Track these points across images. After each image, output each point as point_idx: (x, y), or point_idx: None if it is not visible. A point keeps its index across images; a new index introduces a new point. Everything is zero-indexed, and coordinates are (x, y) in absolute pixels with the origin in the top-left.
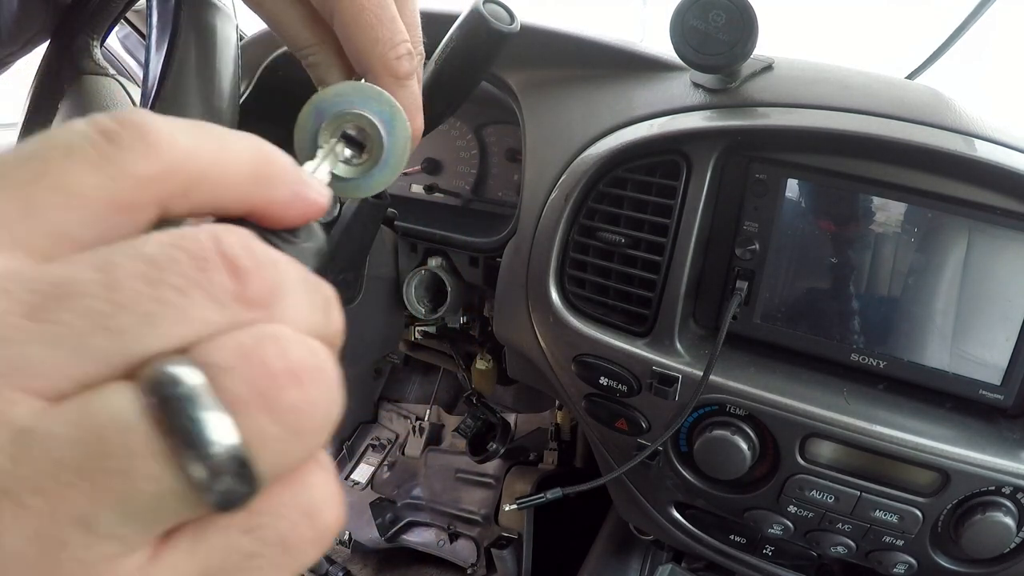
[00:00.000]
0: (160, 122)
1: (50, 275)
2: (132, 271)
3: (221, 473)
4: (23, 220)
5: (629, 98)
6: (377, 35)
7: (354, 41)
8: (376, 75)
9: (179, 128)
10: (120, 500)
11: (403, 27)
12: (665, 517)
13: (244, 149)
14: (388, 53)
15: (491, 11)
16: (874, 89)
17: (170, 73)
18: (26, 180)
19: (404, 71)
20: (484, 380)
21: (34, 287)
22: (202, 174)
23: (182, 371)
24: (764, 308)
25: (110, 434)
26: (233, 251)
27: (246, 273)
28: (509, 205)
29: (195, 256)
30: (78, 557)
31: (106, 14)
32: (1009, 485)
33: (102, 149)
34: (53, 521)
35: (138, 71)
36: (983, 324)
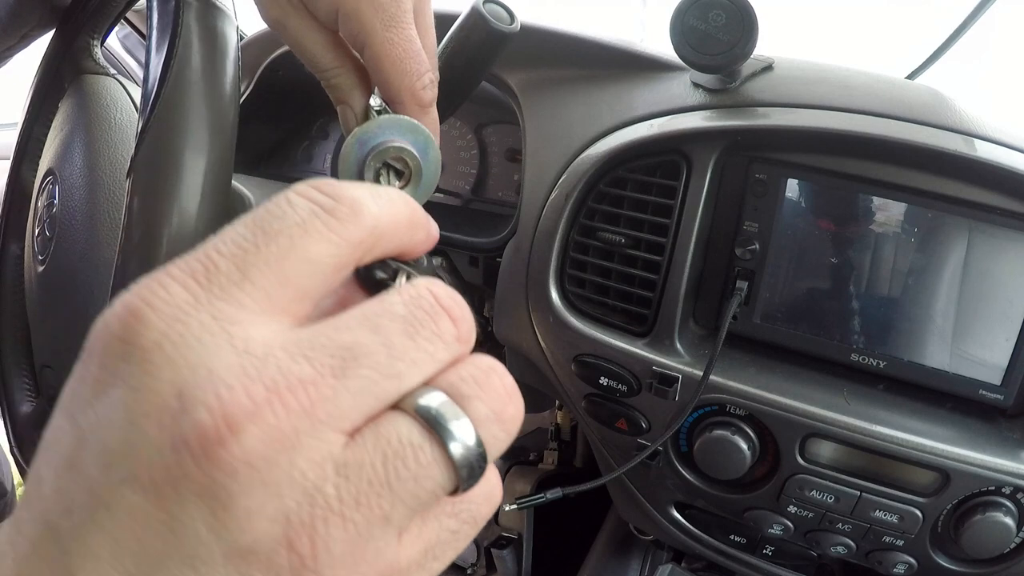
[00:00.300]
0: (359, 193)
1: (340, 340)
2: (398, 331)
3: (469, 465)
4: (282, 289)
5: (629, 98)
6: (405, 67)
7: (384, 72)
8: (404, 104)
9: (368, 196)
10: (411, 496)
11: (426, 59)
12: (665, 517)
13: (402, 205)
14: (415, 83)
15: (491, 11)
16: (874, 89)
17: (170, 74)
18: (278, 256)
19: (429, 99)
20: None
21: (332, 352)
22: (384, 231)
23: (442, 401)
24: (764, 308)
25: (406, 452)
26: (447, 303)
27: (458, 320)
28: (509, 205)
29: (429, 312)
30: (377, 547)
31: (106, 14)
32: (1009, 485)
33: (330, 224)
34: (368, 525)
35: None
36: (983, 324)
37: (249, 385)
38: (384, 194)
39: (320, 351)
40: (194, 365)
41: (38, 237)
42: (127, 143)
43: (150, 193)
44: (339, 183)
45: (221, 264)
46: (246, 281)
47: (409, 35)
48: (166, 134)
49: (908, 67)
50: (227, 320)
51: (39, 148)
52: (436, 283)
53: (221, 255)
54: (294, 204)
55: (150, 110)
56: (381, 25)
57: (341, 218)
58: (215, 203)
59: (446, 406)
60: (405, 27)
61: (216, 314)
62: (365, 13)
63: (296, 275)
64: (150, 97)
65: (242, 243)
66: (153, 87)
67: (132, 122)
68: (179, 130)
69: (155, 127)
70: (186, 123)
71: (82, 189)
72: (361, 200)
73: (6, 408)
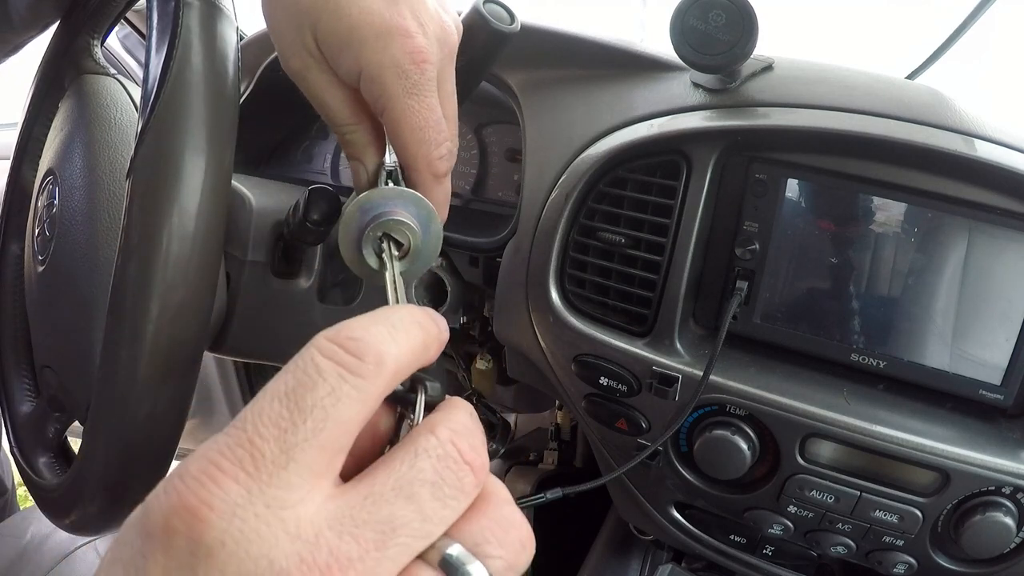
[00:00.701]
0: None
1: (379, 515)
2: (428, 496)
3: None
4: (321, 457)
5: (629, 98)
6: (423, 136)
7: (402, 139)
8: (419, 172)
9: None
10: None
11: (446, 128)
12: (665, 517)
13: (418, 333)
14: (432, 153)
15: (491, 11)
16: (874, 89)
17: (170, 74)
18: (315, 430)
19: (444, 170)
20: (484, 380)
21: (374, 527)
22: (404, 366)
23: (463, 554)
24: (764, 308)
25: None
26: (469, 456)
27: (478, 469)
28: (509, 205)
29: (454, 470)
30: None
31: (106, 14)
32: (1009, 485)
33: (359, 385)
34: None
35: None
36: (983, 324)
37: (307, 572)
38: (402, 327)
39: (363, 527)
40: (256, 557)
41: (38, 237)
42: (127, 143)
43: (150, 194)
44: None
45: (266, 450)
46: (291, 462)
47: (430, 104)
48: (166, 134)
49: (908, 67)
50: (279, 506)
51: (39, 148)
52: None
53: (264, 440)
54: (322, 371)
55: (150, 110)
56: (403, 92)
57: (368, 376)
58: (215, 203)
59: (465, 557)
60: (427, 95)
61: (269, 502)
62: (388, 78)
63: (332, 441)
64: (150, 97)
65: (280, 423)
66: (153, 87)
67: (132, 122)
68: (179, 130)
69: (155, 127)
70: (186, 123)
71: (82, 189)
72: (384, 351)
73: (6, 408)
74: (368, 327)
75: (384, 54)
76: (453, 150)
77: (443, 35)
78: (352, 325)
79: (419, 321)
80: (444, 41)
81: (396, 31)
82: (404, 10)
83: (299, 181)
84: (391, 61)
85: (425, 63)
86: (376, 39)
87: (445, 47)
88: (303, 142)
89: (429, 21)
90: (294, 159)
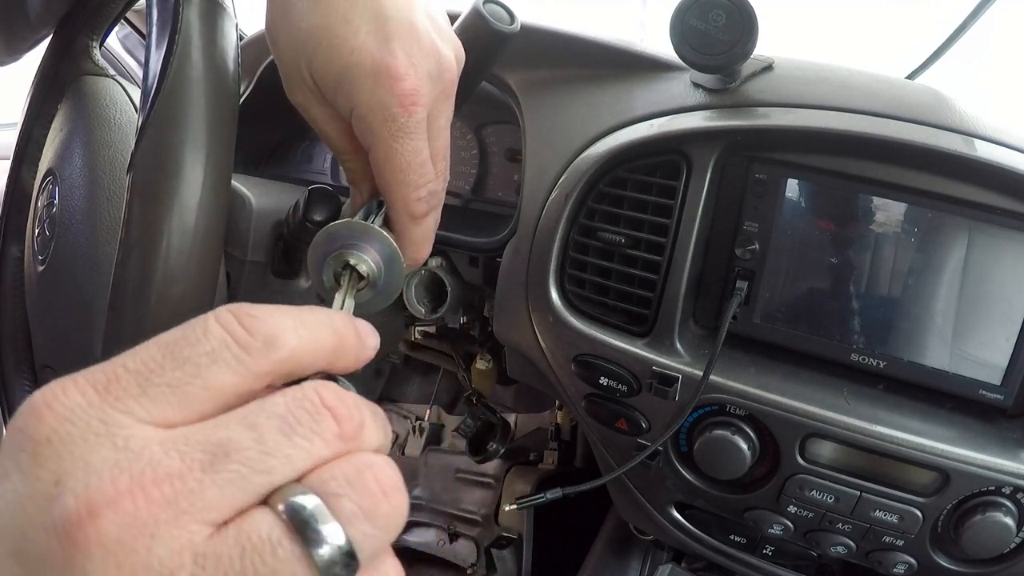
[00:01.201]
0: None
1: (215, 436)
2: (273, 428)
3: (336, 564)
4: (179, 410)
5: (629, 98)
6: (404, 177)
7: (383, 179)
8: (396, 212)
9: (289, 328)
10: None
11: (431, 169)
12: (665, 517)
13: (326, 335)
14: (411, 195)
15: (491, 11)
16: (874, 89)
17: (170, 70)
18: (181, 381)
19: (421, 212)
20: (484, 380)
21: (204, 447)
22: (301, 361)
23: (308, 499)
24: (764, 308)
25: (264, 548)
26: (332, 402)
27: (343, 418)
28: (509, 205)
29: (309, 411)
30: None
31: (105, 15)
32: (1009, 485)
33: (239, 357)
34: None
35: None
36: (983, 324)
37: (117, 475)
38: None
39: (193, 446)
40: (75, 458)
41: (38, 237)
42: (127, 143)
43: (150, 189)
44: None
45: (123, 378)
46: (144, 397)
47: (415, 147)
48: (166, 130)
49: (908, 67)
50: (115, 424)
51: (38, 150)
52: (327, 385)
53: (127, 370)
54: (209, 332)
55: (150, 106)
56: (388, 134)
57: (252, 352)
58: (216, 198)
59: (311, 502)
60: (412, 139)
61: (106, 419)
62: (374, 120)
63: (195, 400)
64: (150, 93)
65: (149, 363)
66: (153, 83)
67: (132, 122)
68: (179, 126)
69: (155, 123)
70: (186, 119)
71: (82, 189)
72: (278, 335)
73: (6, 408)
74: (273, 313)
75: (372, 96)
76: (436, 190)
77: (438, 70)
78: (261, 307)
79: (335, 327)
80: (439, 77)
81: (385, 73)
82: (396, 49)
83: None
84: (379, 103)
85: (414, 106)
86: (365, 80)
87: (440, 82)
88: (303, 142)
89: (423, 59)
90: (294, 159)
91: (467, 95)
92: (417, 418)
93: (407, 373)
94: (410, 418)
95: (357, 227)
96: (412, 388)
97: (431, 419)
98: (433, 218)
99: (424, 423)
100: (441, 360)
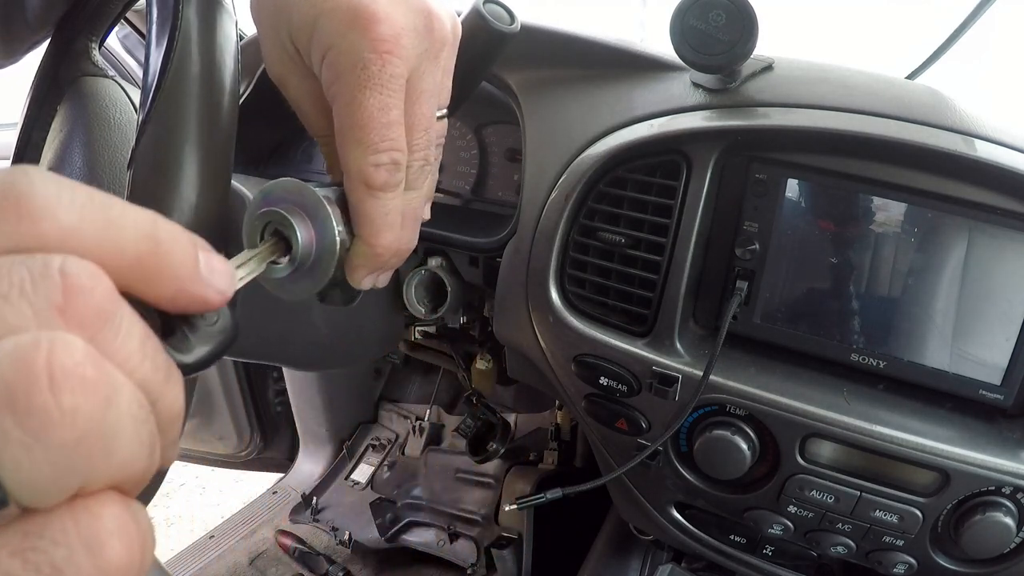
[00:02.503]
0: (42, 196)
1: None
2: None
3: None
4: None
5: (629, 98)
6: (361, 136)
7: (340, 133)
8: (349, 177)
9: (63, 203)
10: None
11: (398, 135)
12: (665, 517)
13: (133, 238)
14: (366, 159)
15: (491, 11)
16: (874, 89)
17: (170, 66)
18: None
19: (378, 182)
20: (484, 380)
21: None
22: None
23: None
24: (764, 308)
25: None
26: (74, 271)
27: (76, 293)
28: (509, 205)
29: (36, 273)
30: None
31: (105, 16)
32: (1009, 485)
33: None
34: None
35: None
36: (983, 324)
37: None
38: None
39: None
40: None
41: None
42: (127, 143)
43: (150, 184)
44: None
45: None
46: None
47: (382, 102)
48: (167, 126)
49: (908, 67)
50: None
51: (37, 152)
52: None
53: None
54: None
55: (150, 103)
56: (354, 81)
57: None
58: (216, 193)
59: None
60: (380, 92)
61: None
62: (342, 65)
63: None
64: (150, 90)
65: None
66: (153, 80)
67: (131, 122)
68: (180, 122)
69: (155, 119)
70: (187, 115)
71: None
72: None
73: None
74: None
75: (344, 39)
76: (401, 162)
77: (427, 26)
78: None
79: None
80: (426, 32)
81: (361, 16)
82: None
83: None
84: (349, 47)
85: (388, 54)
86: (340, 23)
87: (427, 39)
88: (303, 142)
89: (407, 9)
90: (294, 159)
91: (467, 95)
92: (417, 418)
93: (407, 373)
94: (410, 418)
95: (292, 187)
96: (412, 388)
97: (431, 419)
98: (400, 200)
99: (424, 423)
100: (441, 360)
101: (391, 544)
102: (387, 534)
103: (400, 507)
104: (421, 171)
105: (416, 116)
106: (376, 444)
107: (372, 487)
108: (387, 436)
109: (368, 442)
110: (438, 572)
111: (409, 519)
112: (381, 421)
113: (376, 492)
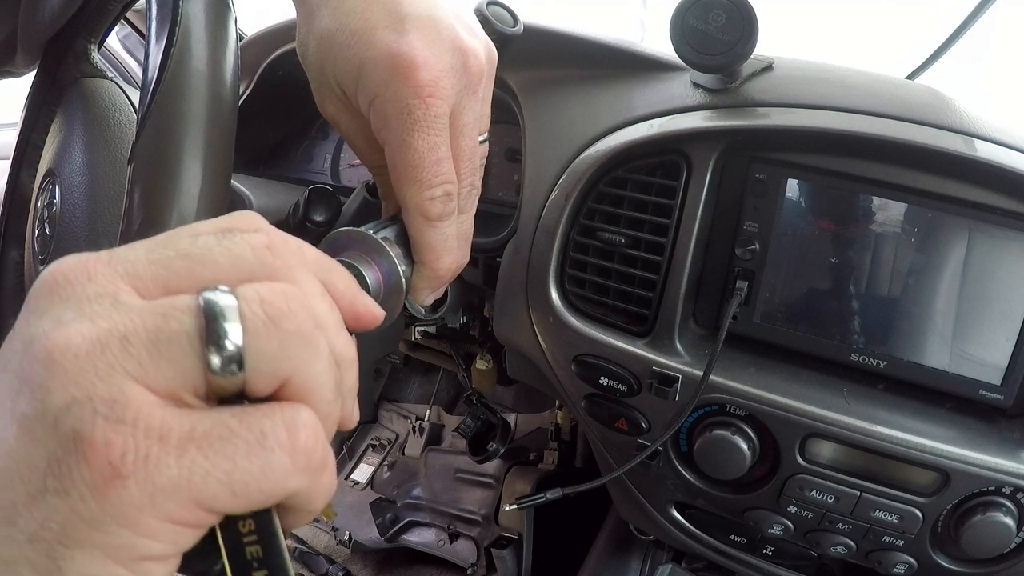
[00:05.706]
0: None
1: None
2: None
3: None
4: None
5: (629, 98)
6: (416, 174)
7: (395, 173)
8: (408, 213)
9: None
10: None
11: (448, 169)
12: (665, 517)
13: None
14: (423, 193)
15: (494, 13)
16: (874, 89)
17: (170, 62)
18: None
19: (434, 214)
20: (484, 380)
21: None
22: None
23: (223, 295)
24: (764, 308)
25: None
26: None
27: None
28: (509, 205)
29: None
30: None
31: (103, 17)
32: (1009, 485)
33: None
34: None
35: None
36: (983, 324)
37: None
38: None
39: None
40: None
41: (38, 237)
42: (126, 141)
43: (151, 179)
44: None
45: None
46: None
47: (431, 142)
48: (167, 121)
49: (908, 67)
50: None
51: (37, 154)
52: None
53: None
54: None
55: (151, 98)
56: (403, 128)
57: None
58: (215, 189)
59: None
60: (428, 133)
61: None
62: (389, 112)
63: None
64: (151, 86)
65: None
66: (154, 76)
67: (131, 122)
68: (180, 117)
69: (156, 114)
70: (187, 110)
71: (82, 187)
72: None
73: None
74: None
75: (388, 87)
76: (454, 192)
77: (463, 64)
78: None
79: None
80: (463, 70)
81: (402, 65)
82: (414, 40)
83: (299, 181)
84: (394, 95)
85: (431, 98)
86: (382, 72)
87: (465, 77)
88: (303, 142)
89: (443, 51)
90: (294, 159)
91: None
92: (417, 418)
93: (407, 373)
94: (410, 418)
95: (356, 236)
96: (412, 388)
97: (431, 419)
98: (455, 226)
99: (424, 423)
100: (441, 360)
101: (391, 544)
102: (387, 534)
103: (400, 507)
104: (470, 195)
105: (462, 148)
106: (376, 444)
107: (372, 487)
108: (387, 436)
109: (368, 442)
110: (438, 572)
111: (409, 519)
112: (381, 421)
113: (376, 492)
